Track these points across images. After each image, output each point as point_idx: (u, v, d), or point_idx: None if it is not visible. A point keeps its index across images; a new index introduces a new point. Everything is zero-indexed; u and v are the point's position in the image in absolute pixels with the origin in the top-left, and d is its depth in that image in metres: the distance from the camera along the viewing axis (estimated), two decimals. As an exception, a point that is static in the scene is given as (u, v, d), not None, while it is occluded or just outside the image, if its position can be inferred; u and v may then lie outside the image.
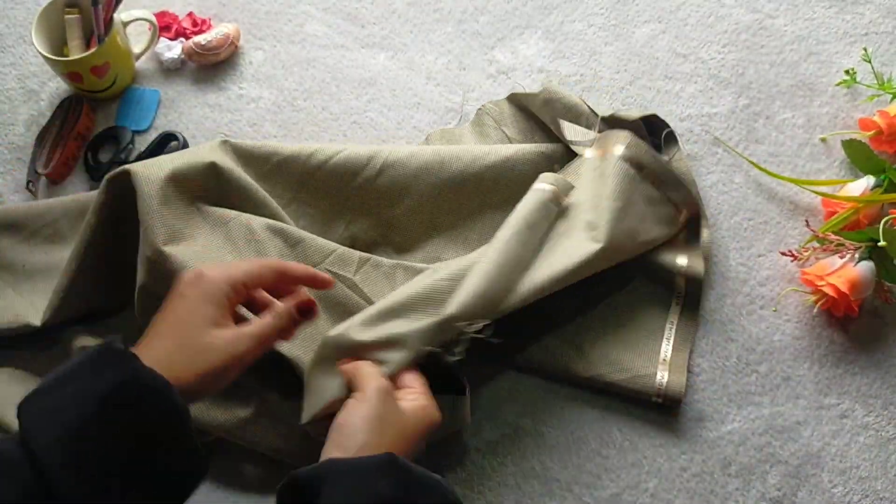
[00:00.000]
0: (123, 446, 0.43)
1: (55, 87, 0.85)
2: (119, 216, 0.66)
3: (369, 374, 0.54)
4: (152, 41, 0.85)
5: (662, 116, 0.82)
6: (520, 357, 0.69)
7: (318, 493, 0.45)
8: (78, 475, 0.41)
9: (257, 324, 0.52)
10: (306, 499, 0.45)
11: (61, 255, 0.72)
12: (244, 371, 0.51)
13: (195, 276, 0.51)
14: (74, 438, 0.42)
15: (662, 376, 0.67)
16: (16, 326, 0.68)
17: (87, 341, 0.68)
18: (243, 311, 0.55)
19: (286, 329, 0.54)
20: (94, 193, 0.73)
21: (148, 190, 0.63)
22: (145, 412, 0.44)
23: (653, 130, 0.77)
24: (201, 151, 0.68)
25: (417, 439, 0.52)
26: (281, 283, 0.56)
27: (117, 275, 0.67)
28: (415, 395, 0.54)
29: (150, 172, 0.63)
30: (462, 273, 0.62)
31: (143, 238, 0.63)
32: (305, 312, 0.56)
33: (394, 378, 0.56)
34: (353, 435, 0.49)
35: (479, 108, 0.81)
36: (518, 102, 0.80)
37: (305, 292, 0.57)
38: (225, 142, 0.70)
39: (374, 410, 0.51)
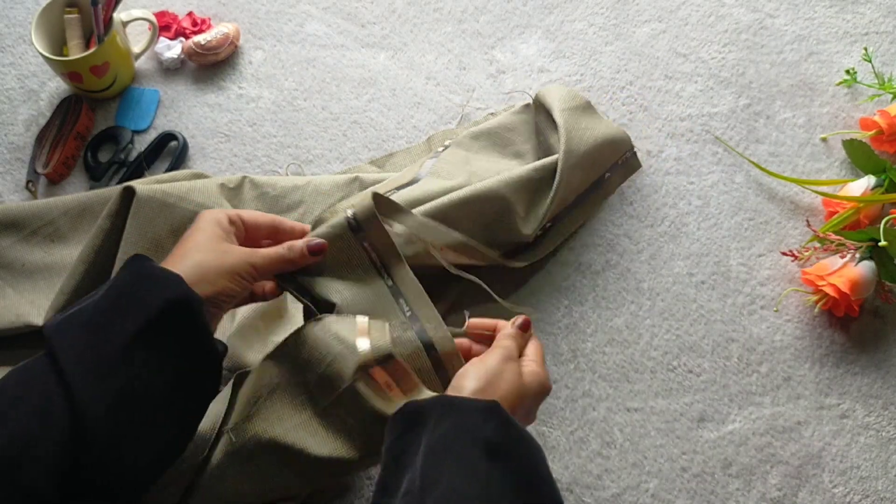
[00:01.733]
0: (160, 372, 0.48)
1: (55, 87, 0.85)
2: None
3: (501, 337, 0.58)
4: (152, 41, 0.84)
5: (662, 116, 0.82)
6: None
7: (426, 424, 0.48)
8: (115, 406, 0.46)
9: (271, 248, 0.58)
10: (415, 428, 0.49)
11: (61, 255, 0.72)
12: (253, 286, 0.57)
13: (208, 212, 0.58)
14: (109, 369, 0.46)
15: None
16: (18, 326, 0.68)
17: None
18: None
19: (295, 261, 0.58)
20: (95, 193, 0.74)
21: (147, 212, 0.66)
22: (182, 339, 0.49)
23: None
24: (206, 191, 0.70)
25: (528, 402, 0.54)
26: (275, 235, 0.61)
27: None
28: (533, 364, 0.57)
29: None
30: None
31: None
32: (316, 253, 0.59)
33: (518, 345, 0.59)
34: (468, 382, 0.52)
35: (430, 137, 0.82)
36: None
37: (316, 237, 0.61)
38: (239, 184, 0.73)
39: (493, 366, 0.54)
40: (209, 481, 0.58)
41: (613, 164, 0.76)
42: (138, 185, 0.67)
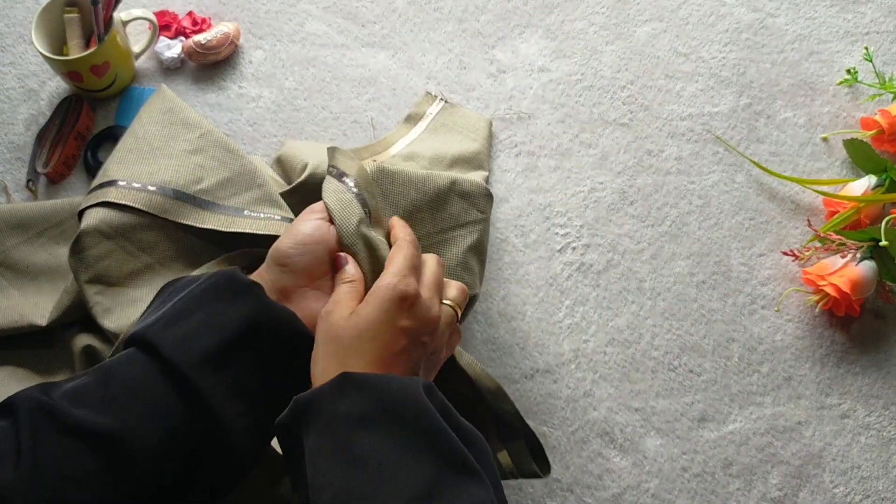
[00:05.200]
0: (261, 365, 0.48)
1: (55, 87, 0.85)
2: None
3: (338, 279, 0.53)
4: (152, 40, 0.84)
5: (663, 116, 0.82)
6: None
7: (298, 436, 0.45)
8: (231, 390, 0.46)
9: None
10: (294, 447, 0.46)
11: (65, 258, 0.72)
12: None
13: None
14: (216, 357, 0.46)
15: None
16: (21, 326, 0.68)
17: (87, 340, 0.68)
18: None
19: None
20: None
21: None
22: (278, 340, 0.49)
23: None
24: None
25: (383, 330, 0.48)
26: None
27: None
28: (377, 287, 0.50)
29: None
30: None
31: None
32: None
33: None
34: (316, 373, 0.48)
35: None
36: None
37: None
38: None
39: (318, 340, 0.49)
40: None
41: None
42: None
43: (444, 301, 0.53)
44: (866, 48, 0.84)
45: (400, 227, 0.57)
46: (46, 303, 0.69)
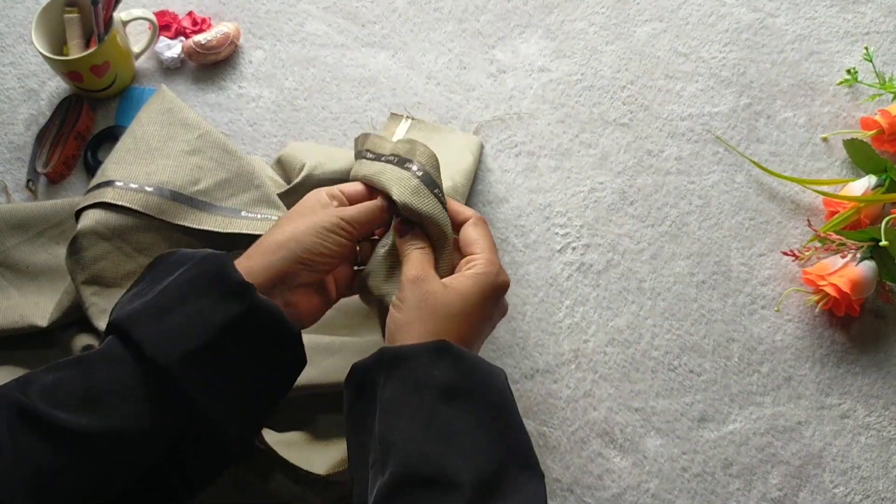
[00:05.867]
0: (247, 364, 0.47)
1: (55, 87, 0.85)
2: None
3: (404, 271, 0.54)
4: (152, 40, 0.84)
5: (663, 116, 0.82)
6: None
7: (376, 383, 0.46)
8: (212, 386, 0.45)
9: (364, 206, 0.56)
10: (366, 392, 0.47)
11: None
12: (352, 245, 0.55)
13: (305, 196, 0.56)
14: (200, 356, 0.45)
15: None
16: (22, 326, 0.68)
17: (86, 340, 0.68)
18: None
19: (378, 221, 0.56)
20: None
21: None
22: (264, 340, 0.48)
23: None
24: None
25: (484, 312, 0.50)
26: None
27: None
28: (479, 263, 0.52)
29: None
30: None
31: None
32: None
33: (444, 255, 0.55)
34: (402, 332, 0.49)
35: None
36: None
37: None
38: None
39: (417, 297, 0.50)
40: None
41: None
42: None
43: None
44: (866, 48, 0.84)
45: (460, 205, 0.57)
46: (46, 303, 0.69)
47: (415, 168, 0.57)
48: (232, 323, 0.47)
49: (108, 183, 0.65)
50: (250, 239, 0.66)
